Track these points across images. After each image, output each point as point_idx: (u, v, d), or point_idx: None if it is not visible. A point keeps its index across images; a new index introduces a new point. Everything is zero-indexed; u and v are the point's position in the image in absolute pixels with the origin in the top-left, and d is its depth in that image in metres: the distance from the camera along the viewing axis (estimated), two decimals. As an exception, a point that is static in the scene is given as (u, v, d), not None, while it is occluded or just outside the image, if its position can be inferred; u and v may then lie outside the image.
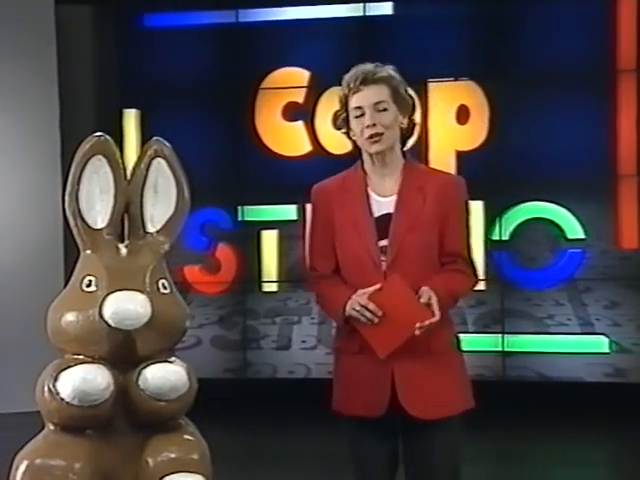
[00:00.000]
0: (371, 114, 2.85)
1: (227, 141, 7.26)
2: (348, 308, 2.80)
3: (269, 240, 7.17)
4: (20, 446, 2.62)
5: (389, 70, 2.91)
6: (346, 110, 2.93)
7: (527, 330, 6.80)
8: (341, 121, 2.96)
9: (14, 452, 2.62)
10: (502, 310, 6.80)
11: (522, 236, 6.80)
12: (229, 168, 7.25)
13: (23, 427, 2.99)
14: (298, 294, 7.12)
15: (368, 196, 2.91)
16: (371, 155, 2.91)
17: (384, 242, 2.86)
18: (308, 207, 7.23)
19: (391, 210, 2.89)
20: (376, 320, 2.76)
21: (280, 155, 7.15)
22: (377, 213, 2.89)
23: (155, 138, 2.77)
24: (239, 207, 7.21)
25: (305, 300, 7.08)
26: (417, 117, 3.01)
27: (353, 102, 2.89)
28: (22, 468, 2.54)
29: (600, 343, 6.68)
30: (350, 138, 2.97)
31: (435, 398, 2.87)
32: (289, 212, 7.10)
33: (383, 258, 2.84)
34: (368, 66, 2.92)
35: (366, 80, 2.87)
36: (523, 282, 6.82)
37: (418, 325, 2.73)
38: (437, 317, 2.75)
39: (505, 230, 6.78)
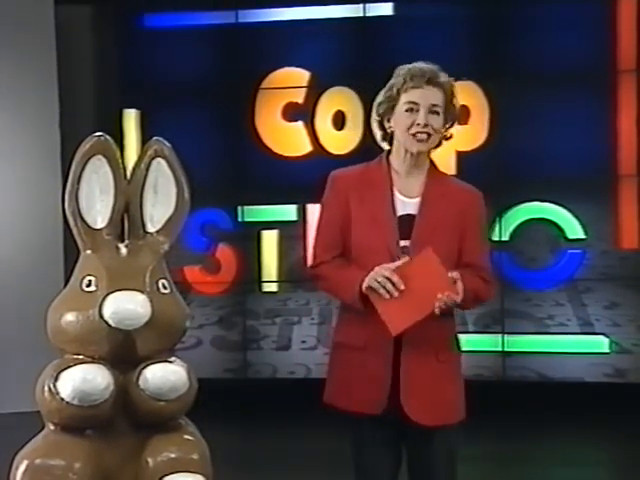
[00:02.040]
0: (425, 114, 2.84)
1: (227, 141, 7.25)
2: (369, 279, 2.74)
3: (269, 240, 7.16)
4: (20, 446, 2.62)
5: (449, 78, 2.91)
6: (393, 100, 2.88)
7: (527, 330, 6.80)
8: (383, 109, 2.92)
9: (14, 452, 2.62)
10: (502, 310, 6.79)
11: (522, 236, 6.80)
12: (229, 168, 7.25)
13: (23, 427, 2.99)
14: (298, 294, 7.12)
15: (393, 194, 2.89)
16: (407, 152, 2.89)
17: (404, 242, 2.85)
18: (309, 207, 7.29)
19: (413, 211, 2.87)
20: (396, 294, 2.71)
21: (280, 155, 7.15)
22: (400, 212, 2.88)
23: (155, 138, 2.77)
24: (239, 207, 7.21)
25: (305, 300, 7.09)
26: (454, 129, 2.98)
27: (409, 96, 2.85)
28: (22, 468, 2.54)
29: (600, 343, 6.67)
30: (384, 130, 2.94)
31: (439, 405, 2.87)
32: (289, 212, 7.10)
33: (403, 258, 2.82)
34: (431, 67, 2.91)
35: (430, 80, 2.86)
36: (523, 282, 6.82)
37: (439, 296, 2.69)
38: (460, 298, 2.73)
39: (505, 230, 6.78)
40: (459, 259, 2.89)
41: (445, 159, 6.60)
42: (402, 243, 2.84)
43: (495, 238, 6.74)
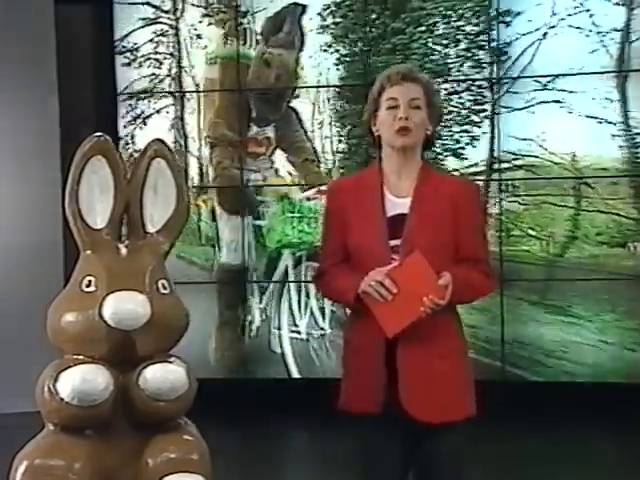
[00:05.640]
0: (405, 108, 2.88)
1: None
2: (364, 284, 2.78)
3: (269, 240, 7.16)
4: (20, 446, 2.62)
5: (426, 76, 2.99)
6: (375, 104, 2.94)
7: (527, 330, 6.79)
8: (368, 115, 2.98)
9: (14, 452, 2.62)
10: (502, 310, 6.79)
11: (522, 236, 6.79)
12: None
13: (23, 427, 2.99)
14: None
15: (383, 195, 2.92)
16: (393, 150, 2.92)
17: (395, 242, 2.86)
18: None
19: (405, 211, 2.89)
20: (389, 297, 2.76)
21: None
22: (390, 213, 2.90)
23: (155, 138, 2.78)
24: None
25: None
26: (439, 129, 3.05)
27: (389, 93, 2.91)
28: (22, 468, 2.54)
29: (600, 343, 6.66)
30: (372, 133, 2.98)
31: (440, 401, 2.86)
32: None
33: (394, 257, 2.85)
34: (407, 66, 2.99)
35: (406, 77, 2.91)
36: (523, 282, 6.81)
37: (424, 300, 2.72)
38: (445, 302, 2.75)
39: (505, 230, 6.77)
40: (457, 253, 2.90)
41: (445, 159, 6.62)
42: (393, 242, 2.86)
43: (495, 238, 6.74)
